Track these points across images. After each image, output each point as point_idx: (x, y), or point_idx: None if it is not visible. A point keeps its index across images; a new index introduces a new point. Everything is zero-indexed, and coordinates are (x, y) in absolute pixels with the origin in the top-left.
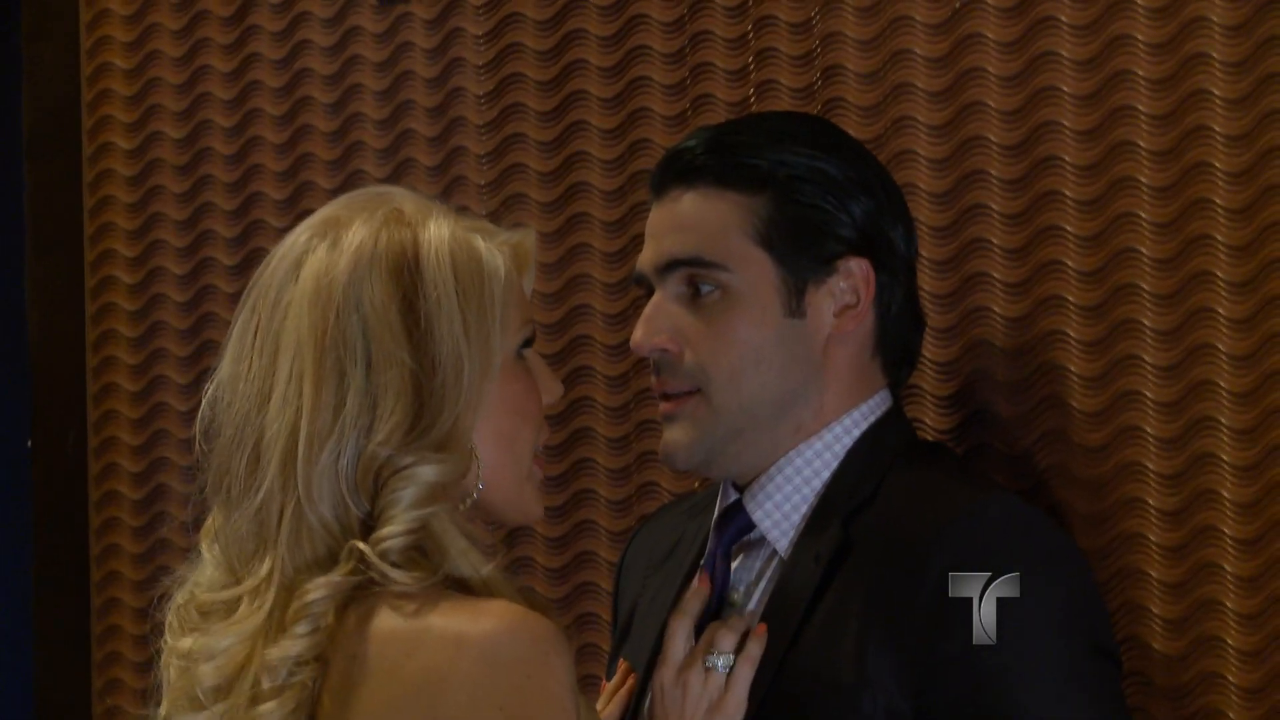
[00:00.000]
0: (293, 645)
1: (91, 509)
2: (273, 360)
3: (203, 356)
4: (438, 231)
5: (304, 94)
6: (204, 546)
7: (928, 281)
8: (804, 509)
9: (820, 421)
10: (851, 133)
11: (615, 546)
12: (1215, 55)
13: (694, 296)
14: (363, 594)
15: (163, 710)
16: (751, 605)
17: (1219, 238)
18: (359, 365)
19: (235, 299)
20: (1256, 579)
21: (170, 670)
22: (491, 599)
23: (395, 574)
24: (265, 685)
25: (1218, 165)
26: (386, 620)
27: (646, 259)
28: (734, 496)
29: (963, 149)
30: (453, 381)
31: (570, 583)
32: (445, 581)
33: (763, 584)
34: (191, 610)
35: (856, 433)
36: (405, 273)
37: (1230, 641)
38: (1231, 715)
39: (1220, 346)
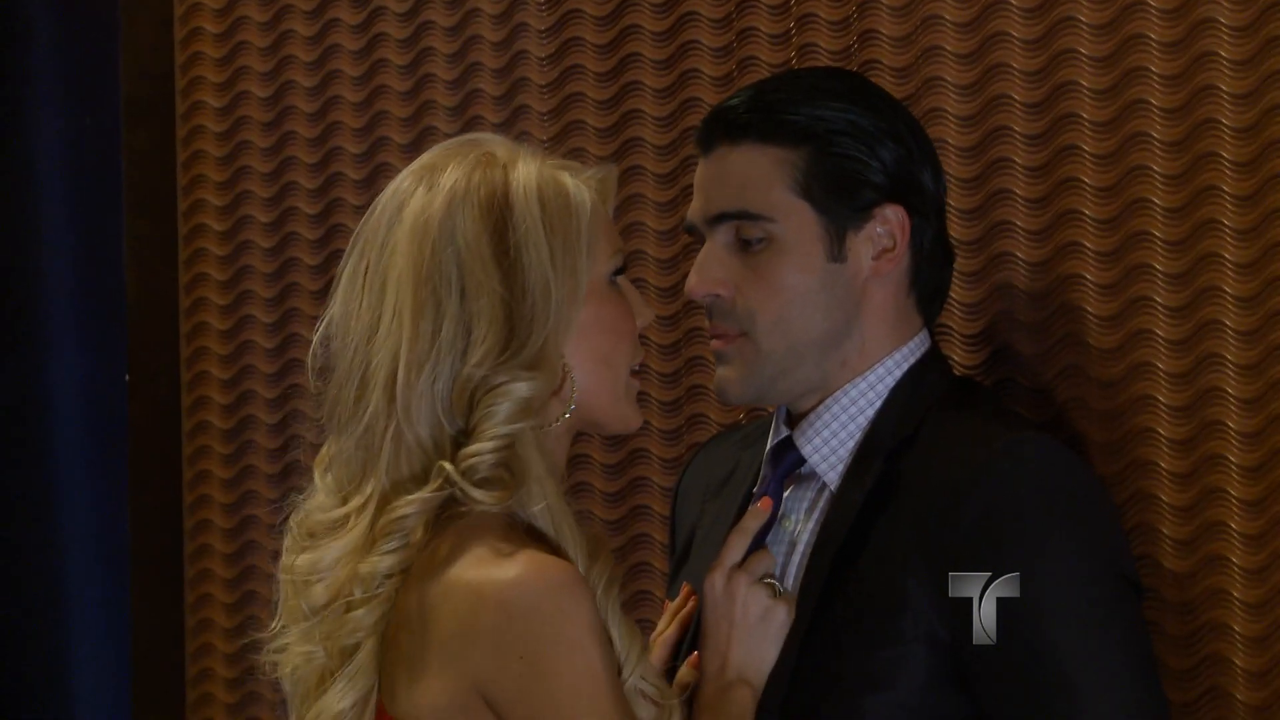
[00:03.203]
0: (381, 561)
1: (184, 438)
2: (380, 296)
3: (286, 298)
4: (526, 170)
5: (380, 57)
6: (317, 474)
7: (956, 229)
8: (850, 444)
9: (865, 359)
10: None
11: (666, 472)
12: (1223, 20)
13: (743, 245)
14: (448, 523)
15: (278, 622)
16: (805, 534)
17: (1226, 189)
18: (453, 294)
19: (316, 244)
20: (1260, 502)
21: (286, 587)
22: (514, 549)
23: (476, 493)
24: (357, 594)
25: (1225, 110)
26: (436, 565)
27: (696, 210)
28: (785, 433)
29: (988, 107)
30: (541, 306)
31: (626, 505)
32: (508, 518)
33: (815, 515)
34: (303, 531)
35: (899, 373)
36: (496, 208)
37: (1235, 560)
38: (1236, 628)
39: (1226, 289)
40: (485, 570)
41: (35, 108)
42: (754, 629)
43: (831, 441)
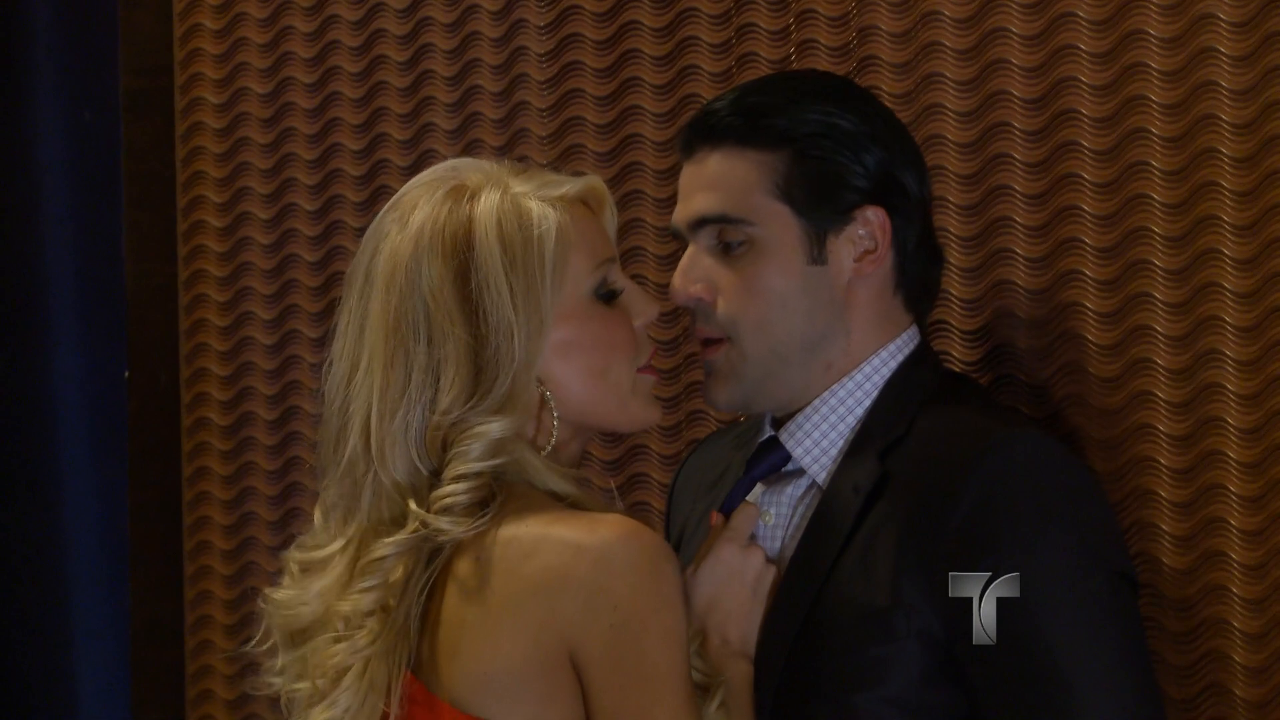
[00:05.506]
0: (362, 599)
1: (184, 435)
2: (359, 339)
3: (285, 294)
4: (489, 203)
5: (379, 53)
6: (317, 513)
7: (954, 225)
8: (840, 443)
9: (850, 360)
10: (884, 88)
11: (665, 468)
12: (1222, 16)
13: (725, 249)
14: (504, 500)
15: (265, 643)
16: (790, 530)
17: (1225, 184)
18: (421, 341)
19: (315, 240)
20: (1259, 498)
21: (272, 618)
22: (606, 513)
23: (455, 529)
24: (340, 629)
25: (1224, 106)
26: (509, 528)
27: (679, 215)
28: (769, 433)
29: (988, 102)
30: (505, 347)
31: (625, 501)
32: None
33: (801, 510)
34: (297, 566)
35: (887, 371)
36: (459, 251)
37: (1234, 556)
38: (1235, 624)
39: (1225, 284)
40: (580, 529)
41: (35, 102)
42: (758, 608)
43: (822, 442)
